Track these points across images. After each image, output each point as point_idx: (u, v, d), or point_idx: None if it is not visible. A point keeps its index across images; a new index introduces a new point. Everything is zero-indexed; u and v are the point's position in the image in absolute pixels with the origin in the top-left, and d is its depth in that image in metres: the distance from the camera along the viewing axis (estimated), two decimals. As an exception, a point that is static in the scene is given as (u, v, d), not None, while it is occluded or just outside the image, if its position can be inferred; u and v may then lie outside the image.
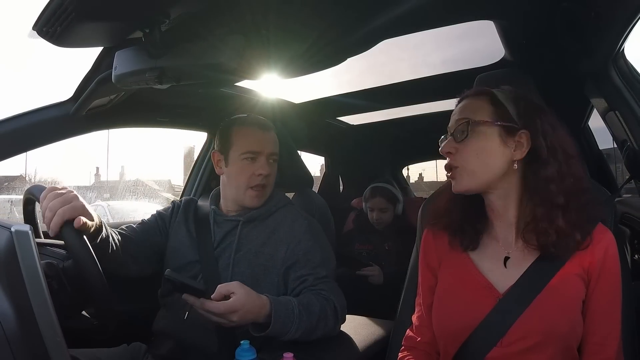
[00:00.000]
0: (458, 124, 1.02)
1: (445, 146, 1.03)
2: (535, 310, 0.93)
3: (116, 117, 1.68)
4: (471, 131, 0.99)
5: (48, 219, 1.07)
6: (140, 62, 1.11)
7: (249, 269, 1.36)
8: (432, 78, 1.83)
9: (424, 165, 17.74)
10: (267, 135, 1.47)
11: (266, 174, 1.42)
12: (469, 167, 1.00)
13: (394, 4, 1.14)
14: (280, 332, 1.21)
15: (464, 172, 1.01)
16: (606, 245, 0.96)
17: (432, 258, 1.12)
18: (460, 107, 1.05)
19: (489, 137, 0.99)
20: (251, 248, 1.38)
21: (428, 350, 1.09)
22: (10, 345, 0.73)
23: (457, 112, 1.05)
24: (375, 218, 2.56)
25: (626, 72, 1.39)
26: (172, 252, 1.48)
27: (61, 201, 1.08)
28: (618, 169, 2.47)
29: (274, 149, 1.47)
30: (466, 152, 1.00)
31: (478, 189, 1.03)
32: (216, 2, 1.03)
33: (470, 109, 1.02)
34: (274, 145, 1.47)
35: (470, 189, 1.02)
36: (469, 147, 1.00)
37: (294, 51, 1.21)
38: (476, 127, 0.99)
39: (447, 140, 1.03)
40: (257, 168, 1.42)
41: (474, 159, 0.99)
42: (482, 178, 1.00)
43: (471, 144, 0.99)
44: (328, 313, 1.29)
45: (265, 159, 1.43)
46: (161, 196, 12.56)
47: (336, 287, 1.38)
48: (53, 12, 0.92)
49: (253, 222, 1.42)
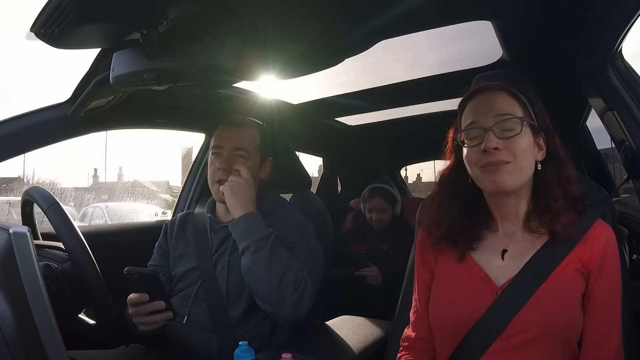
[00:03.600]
0: (504, 119, 0.98)
1: (491, 141, 0.96)
2: (535, 303, 0.93)
3: (114, 119, 1.68)
4: (524, 127, 0.97)
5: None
6: (138, 64, 1.11)
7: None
8: (430, 78, 1.83)
9: (422, 166, 17.70)
10: (234, 130, 1.48)
11: (222, 167, 1.42)
12: (521, 163, 0.97)
13: (391, 5, 1.14)
14: (246, 229, 1.33)
15: (514, 169, 0.96)
16: (606, 240, 0.96)
17: (428, 253, 1.11)
18: (492, 100, 1.01)
19: (529, 137, 0.99)
20: None
21: (425, 346, 1.09)
22: (8, 347, 0.73)
23: (492, 106, 1.00)
24: (374, 219, 2.56)
25: (624, 72, 1.39)
26: (173, 262, 1.50)
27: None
28: (616, 169, 2.48)
29: (240, 144, 1.45)
30: (517, 148, 0.96)
31: (518, 188, 1.00)
32: (214, 4, 1.03)
33: (508, 104, 1.00)
34: (240, 140, 1.46)
35: (517, 186, 0.99)
36: (520, 144, 0.96)
37: (291, 52, 1.21)
38: (525, 124, 0.98)
39: (487, 135, 0.97)
40: (219, 162, 1.42)
41: (524, 156, 0.97)
42: (524, 177, 0.99)
43: (522, 140, 0.97)
44: (296, 272, 1.30)
45: (229, 153, 1.43)
46: (159, 197, 12.53)
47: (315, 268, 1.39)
48: (51, 13, 0.92)
49: None
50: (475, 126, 1.00)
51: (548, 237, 0.98)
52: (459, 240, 1.04)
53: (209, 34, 1.08)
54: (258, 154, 1.49)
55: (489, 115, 0.99)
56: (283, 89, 1.95)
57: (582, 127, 2.46)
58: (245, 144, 1.46)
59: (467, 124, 1.02)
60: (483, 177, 0.99)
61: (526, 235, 1.01)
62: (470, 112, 1.03)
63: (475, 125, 1.00)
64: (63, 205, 1.21)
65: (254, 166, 1.46)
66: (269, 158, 1.53)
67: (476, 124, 1.00)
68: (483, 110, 1.00)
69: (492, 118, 0.98)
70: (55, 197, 1.23)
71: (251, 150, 1.47)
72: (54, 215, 1.19)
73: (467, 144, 1.01)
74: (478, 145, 0.98)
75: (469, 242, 1.04)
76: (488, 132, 0.97)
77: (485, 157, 0.97)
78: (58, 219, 1.18)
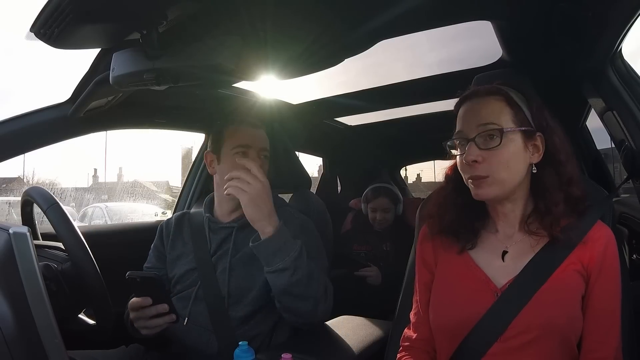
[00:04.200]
0: (485, 130, 0.96)
1: (471, 154, 0.96)
2: (535, 305, 0.93)
3: (114, 119, 1.68)
4: (504, 139, 0.95)
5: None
6: (138, 64, 1.11)
7: (245, 271, 1.37)
8: (430, 79, 1.83)
9: (422, 166, 17.72)
10: (257, 131, 1.49)
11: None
12: (499, 176, 0.96)
13: (391, 5, 1.14)
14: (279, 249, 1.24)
15: (493, 182, 0.96)
16: (605, 242, 0.96)
17: (428, 254, 1.11)
18: (477, 108, 1.00)
19: (516, 144, 0.97)
20: (247, 252, 1.37)
21: (425, 347, 1.09)
22: (8, 348, 0.73)
23: (476, 115, 0.99)
24: (378, 218, 2.55)
25: (624, 72, 1.39)
26: (171, 263, 1.50)
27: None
28: (616, 169, 2.48)
29: (265, 144, 1.49)
30: (496, 161, 0.95)
31: (502, 197, 1.00)
32: (214, 4, 1.03)
33: (493, 112, 0.98)
34: (264, 141, 1.49)
35: (495, 197, 0.99)
36: (500, 156, 0.95)
37: (291, 52, 1.21)
38: (508, 134, 0.96)
39: (469, 146, 0.97)
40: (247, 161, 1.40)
41: (505, 168, 0.96)
42: (509, 186, 0.98)
43: (503, 153, 0.95)
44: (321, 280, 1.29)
45: (256, 153, 1.45)
46: (159, 197, 12.54)
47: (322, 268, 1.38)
48: (50, 13, 0.92)
49: (248, 227, 1.41)
50: (461, 136, 1.01)
51: (548, 238, 0.98)
52: (460, 233, 1.05)
53: (208, 34, 1.08)
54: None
55: (473, 125, 0.98)
56: (283, 89, 1.95)
57: (582, 127, 2.46)
58: (267, 146, 1.49)
59: (456, 132, 1.02)
60: (470, 187, 1.00)
61: (525, 236, 1.01)
62: (460, 120, 1.03)
63: (461, 135, 1.01)
64: (63, 206, 1.22)
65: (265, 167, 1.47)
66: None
67: (461, 134, 1.00)
68: (468, 119, 1.00)
69: (475, 128, 0.98)
70: (55, 197, 1.23)
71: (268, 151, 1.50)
72: (53, 215, 1.19)
73: (456, 153, 1.03)
74: (460, 155, 1.00)
75: (469, 236, 1.05)
76: (470, 144, 0.97)
77: (469, 168, 0.98)
78: (58, 219, 1.18)
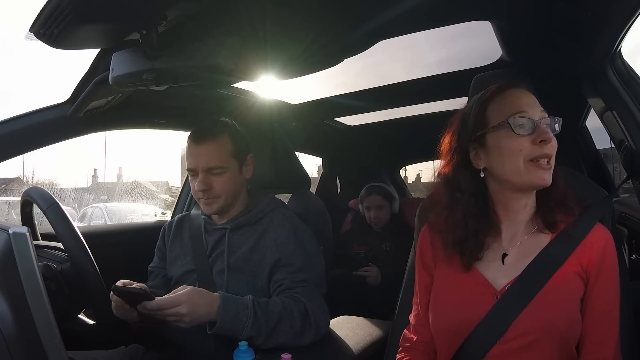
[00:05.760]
0: (546, 117, 0.97)
1: (550, 132, 0.95)
2: (535, 307, 0.92)
3: (113, 119, 1.68)
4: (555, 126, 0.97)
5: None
6: (138, 64, 1.11)
7: (242, 274, 1.36)
8: (429, 79, 1.83)
9: (421, 166, 17.68)
10: (201, 148, 1.38)
11: (201, 189, 1.37)
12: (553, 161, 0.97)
13: (391, 5, 1.14)
14: (232, 327, 1.18)
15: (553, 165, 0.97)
16: (604, 244, 0.96)
17: (428, 256, 1.11)
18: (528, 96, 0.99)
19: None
20: (241, 255, 1.37)
21: (425, 349, 1.09)
22: (8, 348, 0.73)
23: (535, 101, 0.98)
24: (372, 217, 2.56)
25: (623, 72, 1.39)
26: (169, 264, 1.50)
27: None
28: (615, 169, 2.48)
29: (212, 162, 1.37)
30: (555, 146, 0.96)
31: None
32: (213, 4, 1.03)
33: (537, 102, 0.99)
34: (211, 157, 1.37)
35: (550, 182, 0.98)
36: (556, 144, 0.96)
37: (291, 52, 1.21)
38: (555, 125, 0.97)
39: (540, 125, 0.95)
40: (197, 185, 1.37)
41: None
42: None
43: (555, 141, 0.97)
44: (294, 315, 1.25)
45: (204, 175, 1.37)
46: (159, 198, 12.54)
47: (315, 292, 1.34)
48: (50, 13, 0.92)
49: (241, 228, 1.41)
50: (524, 116, 0.95)
51: (548, 240, 0.98)
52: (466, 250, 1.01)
53: (208, 34, 1.08)
54: (234, 160, 1.41)
55: (537, 109, 0.97)
56: (282, 89, 1.95)
57: (582, 127, 2.46)
58: (216, 161, 1.37)
59: (516, 112, 0.95)
60: (531, 171, 0.95)
61: (526, 238, 1.01)
62: (514, 102, 0.97)
63: (524, 115, 0.95)
64: (62, 206, 1.22)
65: (233, 175, 1.40)
66: (249, 155, 1.46)
67: (525, 114, 0.95)
68: (530, 103, 0.97)
69: (539, 112, 0.96)
70: (54, 198, 1.23)
71: (225, 161, 1.38)
72: (53, 215, 1.19)
73: (517, 133, 0.95)
74: (528, 135, 0.94)
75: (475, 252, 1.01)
76: (540, 123, 0.95)
77: (539, 149, 0.94)
78: (57, 219, 1.18)
